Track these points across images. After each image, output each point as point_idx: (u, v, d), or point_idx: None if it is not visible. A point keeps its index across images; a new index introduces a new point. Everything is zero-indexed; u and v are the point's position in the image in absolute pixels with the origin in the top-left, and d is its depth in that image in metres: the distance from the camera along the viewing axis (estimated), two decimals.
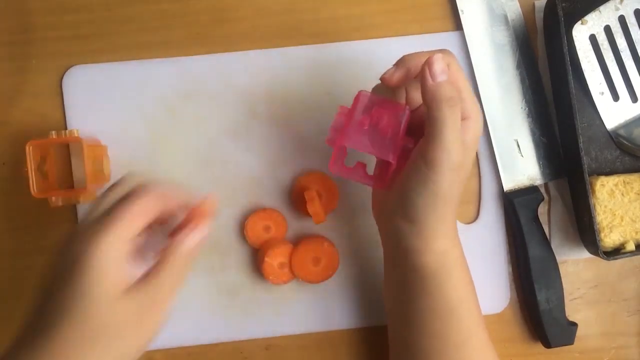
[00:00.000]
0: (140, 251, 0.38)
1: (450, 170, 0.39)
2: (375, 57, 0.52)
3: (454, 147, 0.38)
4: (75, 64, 0.51)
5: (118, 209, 0.37)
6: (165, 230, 0.40)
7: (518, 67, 0.52)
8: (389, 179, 0.42)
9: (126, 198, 0.37)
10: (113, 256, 0.35)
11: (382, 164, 0.43)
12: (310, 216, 0.48)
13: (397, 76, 0.41)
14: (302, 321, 0.51)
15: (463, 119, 0.40)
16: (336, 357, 0.52)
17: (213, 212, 0.40)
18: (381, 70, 0.51)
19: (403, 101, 0.43)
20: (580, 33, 0.50)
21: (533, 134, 0.52)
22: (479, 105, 0.42)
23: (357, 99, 0.43)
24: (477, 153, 0.52)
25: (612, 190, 0.49)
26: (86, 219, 0.38)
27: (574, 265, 0.53)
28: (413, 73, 0.41)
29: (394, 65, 0.42)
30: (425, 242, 0.41)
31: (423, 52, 0.42)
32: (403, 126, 0.42)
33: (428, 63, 0.39)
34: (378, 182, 0.43)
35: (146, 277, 0.37)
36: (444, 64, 0.39)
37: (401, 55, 0.40)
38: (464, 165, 0.40)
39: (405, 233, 0.42)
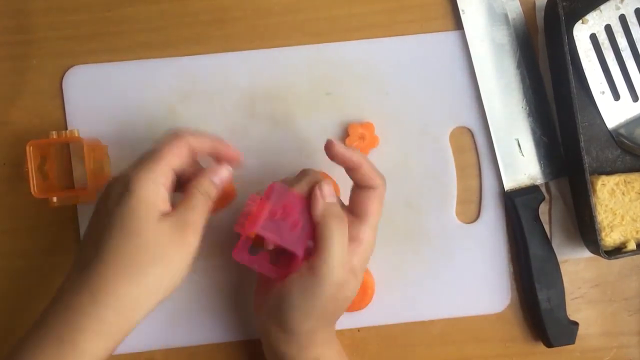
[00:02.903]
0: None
1: (330, 285, 0.41)
2: (375, 57, 0.52)
3: (338, 263, 0.41)
4: (75, 64, 0.51)
5: (154, 148, 0.42)
6: None
7: (519, 66, 0.52)
8: (292, 271, 0.43)
9: (161, 141, 0.42)
10: (152, 182, 0.40)
11: (287, 256, 0.44)
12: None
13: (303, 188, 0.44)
14: None
15: (353, 240, 0.42)
16: None
17: (238, 160, 0.45)
18: (381, 70, 0.51)
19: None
20: (581, 32, 0.50)
21: (534, 133, 0.52)
22: (371, 227, 0.43)
23: (270, 189, 0.43)
24: (477, 154, 0.52)
25: (613, 189, 0.49)
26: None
27: (575, 265, 0.52)
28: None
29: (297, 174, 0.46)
30: (298, 350, 0.43)
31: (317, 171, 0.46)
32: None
33: (319, 186, 0.43)
34: (281, 274, 0.43)
35: (179, 203, 0.41)
36: (332, 189, 0.43)
37: (401, 55, 0.40)
38: (346, 285, 0.42)
39: (279, 339, 0.44)
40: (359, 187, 0.44)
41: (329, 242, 0.41)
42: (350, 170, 0.44)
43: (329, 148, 0.43)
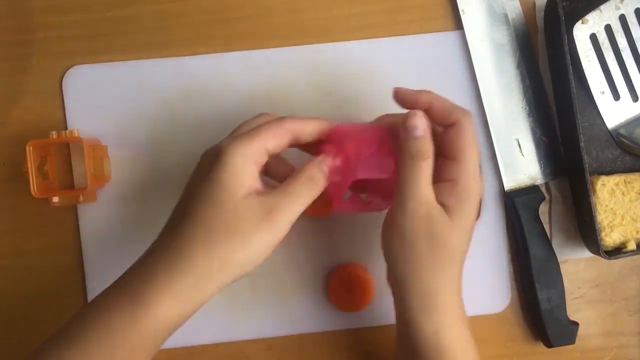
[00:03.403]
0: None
1: (413, 218, 0.40)
2: (375, 57, 0.52)
3: (416, 196, 0.40)
4: (75, 64, 0.51)
5: (254, 128, 0.40)
6: None
7: (519, 66, 0.52)
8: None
9: (261, 124, 0.41)
10: (242, 157, 0.38)
11: (380, 185, 0.43)
12: (312, 215, 0.48)
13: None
14: (304, 321, 0.51)
15: (445, 180, 0.41)
16: (338, 357, 0.52)
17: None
18: (381, 70, 0.51)
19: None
20: (581, 32, 0.50)
21: (534, 133, 0.52)
22: (477, 179, 0.41)
23: (338, 132, 0.42)
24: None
25: (612, 189, 0.49)
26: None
27: (575, 265, 0.52)
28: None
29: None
30: (415, 314, 0.41)
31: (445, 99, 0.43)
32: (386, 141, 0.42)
33: (408, 115, 0.41)
34: (389, 202, 0.42)
35: (277, 186, 0.39)
36: (423, 122, 0.41)
37: (401, 55, 0.40)
38: (437, 223, 0.40)
39: (395, 296, 0.42)
40: (443, 127, 0.42)
41: (406, 178, 0.40)
42: (425, 112, 0.41)
43: (394, 95, 0.43)
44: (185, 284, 0.37)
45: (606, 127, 0.51)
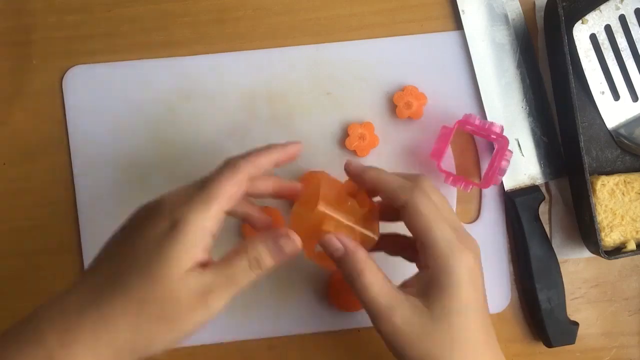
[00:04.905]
0: None
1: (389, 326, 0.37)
2: (375, 57, 0.52)
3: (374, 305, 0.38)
4: (75, 64, 0.51)
5: (209, 180, 0.36)
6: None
7: (519, 66, 0.52)
8: None
9: (220, 170, 0.37)
10: (202, 230, 0.35)
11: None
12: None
13: None
14: (305, 321, 0.51)
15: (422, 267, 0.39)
16: (338, 357, 0.52)
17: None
18: (381, 70, 0.51)
19: None
20: (581, 32, 0.50)
21: (534, 133, 0.52)
22: (457, 249, 0.37)
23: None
24: (478, 154, 0.52)
25: (612, 189, 0.49)
26: (180, 186, 0.38)
27: (575, 265, 0.52)
28: None
29: None
30: None
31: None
32: None
33: (324, 237, 0.39)
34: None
35: (221, 261, 0.36)
36: (336, 243, 0.38)
37: (401, 55, 0.40)
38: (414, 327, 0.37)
39: None
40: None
41: None
42: (375, 190, 0.40)
43: (345, 167, 0.42)
44: (105, 356, 0.34)
45: (606, 127, 0.51)
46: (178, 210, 0.35)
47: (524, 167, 0.52)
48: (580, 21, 0.50)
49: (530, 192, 0.51)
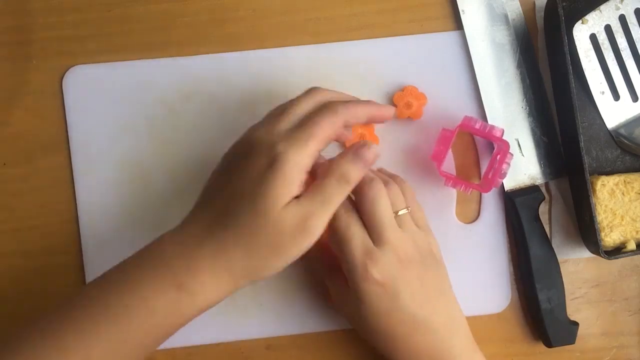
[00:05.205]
0: None
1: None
2: (375, 57, 0.52)
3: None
4: (75, 64, 0.51)
5: (308, 121, 0.40)
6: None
7: (519, 66, 0.52)
8: None
9: (321, 112, 0.40)
10: (302, 169, 0.39)
11: None
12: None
13: None
14: (303, 321, 0.51)
15: None
16: (337, 357, 0.52)
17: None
18: (381, 70, 0.51)
19: None
20: (581, 32, 0.50)
21: (534, 133, 0.52)
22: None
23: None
24: (478, 154, 0.52)
25: (612, 189, 0.49)
26: (271, 122, 0.41)
27: (575, 265, 0.52)
28: None
29: None
30: None
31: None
32: None
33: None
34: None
35: (310, 188, 0.40)
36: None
37: (401, 55, 0.41)
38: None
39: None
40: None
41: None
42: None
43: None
44: (226, 281, 0.39)
45: (606, 127, 0.51)
46: (276, 148, 0.38)
47: (524, 167, 0.52)
48: (580, 21, 0.50)
49: (530, 192, 0.51)
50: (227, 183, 0.40)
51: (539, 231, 0.50)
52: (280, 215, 0.38)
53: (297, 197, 0.39)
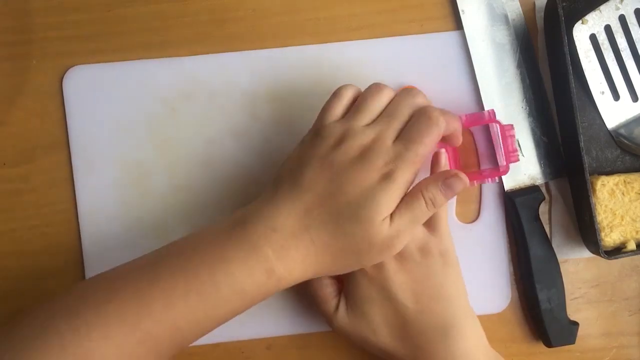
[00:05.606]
0: None
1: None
2: (375, 57, 0.52)
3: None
4: (76, 64, 0.51)
5: (424, 144, 0.41)
6: None
7: (519, 66, 0.52)
8: None
9: (428, 128, 0.42)
10: (407, 186, 0.41)
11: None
12: None
13: None
14: (303, 321, 0.51)
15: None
16: (338, 357, 0.52)
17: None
18: (381, 70, 0.51)
19: None
20: (581, 32, 0.50)
21: (534, 133, 0.52)
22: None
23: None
24: (477, 154, 0.52)
25: (612, 189, 0.49)
26: (380, 124, 0.43)
27: (575, 265, 0.53)
28: None
29: None
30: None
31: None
32: None
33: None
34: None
35: (404, 205, 0.41)
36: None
37: (401, 55, 0.41)
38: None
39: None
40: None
41: None
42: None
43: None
44: (310, 273, 0.42)
45: (606, 127, 0.51)
46: (388, 165, 0.41)
47: (524, 167, 0.52)
48: (580, 21, 0.50)
49: (530, 192, 0.51)
50: (334, 182, 0.41)
51: (539, 231, 0.50)
52: (377, 228, 0.40)
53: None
